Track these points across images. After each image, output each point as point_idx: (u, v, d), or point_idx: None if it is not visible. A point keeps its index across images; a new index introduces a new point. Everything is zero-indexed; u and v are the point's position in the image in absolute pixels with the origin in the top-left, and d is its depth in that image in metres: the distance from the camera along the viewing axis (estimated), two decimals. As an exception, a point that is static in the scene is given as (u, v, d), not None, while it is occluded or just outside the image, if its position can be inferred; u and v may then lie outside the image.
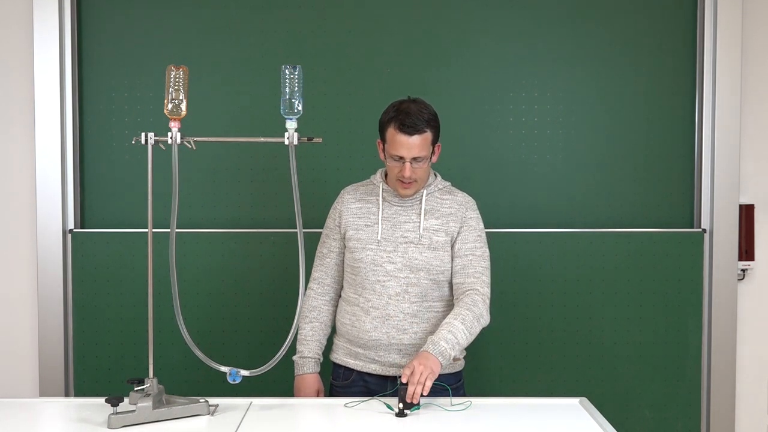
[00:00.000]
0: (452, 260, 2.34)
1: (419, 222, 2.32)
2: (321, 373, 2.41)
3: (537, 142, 3.03)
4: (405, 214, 2.34)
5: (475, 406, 2.11)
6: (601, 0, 3.03)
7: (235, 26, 3.00)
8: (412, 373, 2.03)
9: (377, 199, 2.37)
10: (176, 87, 1.98)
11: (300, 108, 2.01)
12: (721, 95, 3.00)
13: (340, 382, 2.39)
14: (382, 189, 2.37)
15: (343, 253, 2.41)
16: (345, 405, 2.12)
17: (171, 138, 2.00)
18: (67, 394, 2.99)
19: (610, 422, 2.00)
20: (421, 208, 2.34)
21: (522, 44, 3.03)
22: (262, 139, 2.15)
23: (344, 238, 2.38)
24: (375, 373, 2.32)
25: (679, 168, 3.06)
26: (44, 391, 2.97)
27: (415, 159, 2.25)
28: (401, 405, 2.01)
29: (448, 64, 3.01)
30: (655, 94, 3.05)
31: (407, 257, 2.29)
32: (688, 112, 3.06)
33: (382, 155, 2.35)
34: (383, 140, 2.32)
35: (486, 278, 2.34)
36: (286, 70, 2.00)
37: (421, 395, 2.04)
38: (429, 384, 2.03)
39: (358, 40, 3.01)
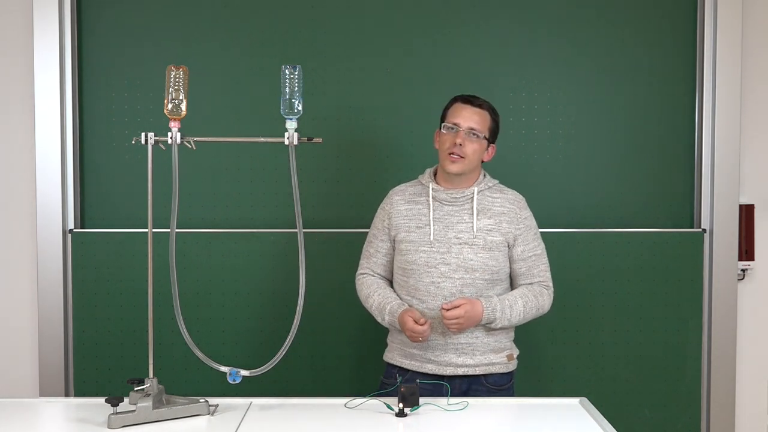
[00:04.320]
0: (514, 262, 2.37)
1: (472, 222, 2.33)
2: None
3: (537, 142, 3.03)
4: (457, 215, 2.34)
5: (474, 406, 2.11)
6: (601, 0, 3.03)
7: (235, 26, 3.00)
8: (455, 307, 2.19)
9: (427, 200, 2.36)
10: (176, 87, 1.98)
11: (300, 108, 2.01)
12: (721, 95, 3.00)
13: (394, 380, 2.32)
14: (432, 189, 2.37)
15: (390, 255, 2.41)
16: (345, 405, 2.12)
17: (171, 138, 2.00)
18: (67, 394, 2.99)
19: (610, 422, 2.00)
20: (473, 208, 2.34)
21: (522, 44, 3.03)
22: (262, 139, 2.15)
23: (394, 240, 2.38)
24: (431, 372, 2.31)
25: (679, 168, 3.06)
26: (44, 391, 2.97)
27: (470, 130, 2.30)
28: (401, 405, 2.01)
29: (448, 64, 3.01)
30: (655, 94, 3.04)
31: (462, 258, 2.29)
32: (688, 112, 3.06)
33: (437, 144, 2.40)
34: (443, 119, 2.38)
35: (549, 273, 2.44)
36: (286, 70, 2.00)
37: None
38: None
39: (358, 40, 3.00)
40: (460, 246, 2.30)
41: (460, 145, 2.29)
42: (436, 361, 2.31)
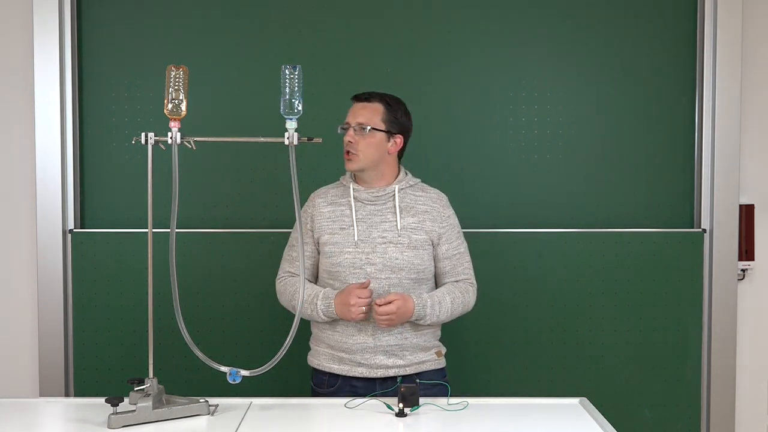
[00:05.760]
0: (439, 261, 2.37)
1: (396, 221, 2.32)
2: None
3: (537, 142, 3.03)
4: (380, 214, 2.33)
5: (475, 407, 2.11)
6: (601, 0, 3.03)
7: (235, 26, 3.01)
8: (388, 303, 2.18)
9: (349, 201, 2.36)
10: (176, 87, 1.98)
11: (300, 108, 2.01)
12: (721, 95, 3.00)
13: (325, 389, 2.35)
14: (353, 189, 2.36)
15: (314, 257, 2.39)
16: (345, 405, 2.12)
17: (171, 138, 2.00)
18: (67, 394, 2.99)
19: (610, 422, 2.00)
20: (395, 206, 2.33)
21: (522, 44, 3.03)
22: (262, 139, 2.15)
23: (318, 242, 2.37)
24: (362, 376, 2.30)
25: (679, 168, 3.06)
26: (44, 391, 2.97)
27: (360, 126, 2.31)
28: (401, 405, 2.01)
29: (448, 64, 3.01)
30: (655, 94, 3.04)
31: (387, 257, 2.28)
32: (688, 112, 3.06)
33: None
34: None
35: (472, 270, 2.43)
36: (286, 70, 2.00)
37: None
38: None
39: (358, 40, 3.01)
40: (385, 245, 2.29)
41: (350, 142, 2.31)
42: (366, 364, 2.29)
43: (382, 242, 2.30)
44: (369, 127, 2.31)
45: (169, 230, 2.06)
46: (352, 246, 2.30)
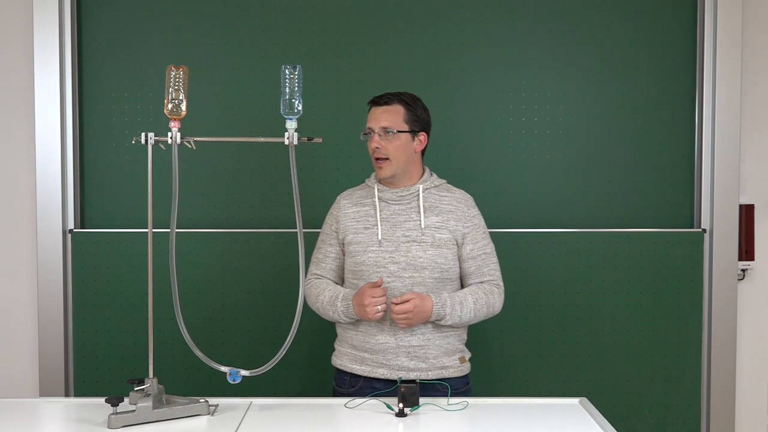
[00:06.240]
0: (464, 261, 2.35)
1: (420, 220, 2.32)
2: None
3: (537, 142, 3.03)
4: (404, 213, 2.33)
5: (475, 406, 2.11)
6: (601, 0, 3.03)
7: (235, 26, 3.01)
8: (404, 302, 2.18)
9: (374, 201, 2.36)
10: (176, 87, 1.98)
11: (300, 108, 2.02)
12: (721, 95, 3.00)
13: (346, 389, 2.34)
14: (378, 189, 2.36)
15: (339, 259, 2.39)
16: (345, 405, 2.12)
17: (171, 138, 2.00)
18: (67, 394, 2.99)
19: (610, 422, 2.00)
20: (419, 205, 2.33)
21: (522, 44, 3.03)
22: (262, 139, 2.15)
23: (343, 243, 2.37)
24: (383, 377, 2.28)
25: (679, 168, 3.06)
26: (44, 391, 2.97)
27: (384, 130, 2.30)
28: (401, 405, 2.01)
29: (448, 64, 3.01)
30: (655, 95, 3.05)
31: (410, 256, 2.28)
32: (688, 112, 3.06)
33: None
34: None
35: (499, 272, 2.40)
36: (286, 70, 2.00)
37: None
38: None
39: (358, 40, 3.01)
40: (409, 244, 2.29)
41: (377, 148, 2.30)
42: (388, 365, 2.28)
43: (405, 241, 2.29)
44: (394, 130, 2.30)
45: (169, 230, 2.06)
46: (376, 245, 2.30)
